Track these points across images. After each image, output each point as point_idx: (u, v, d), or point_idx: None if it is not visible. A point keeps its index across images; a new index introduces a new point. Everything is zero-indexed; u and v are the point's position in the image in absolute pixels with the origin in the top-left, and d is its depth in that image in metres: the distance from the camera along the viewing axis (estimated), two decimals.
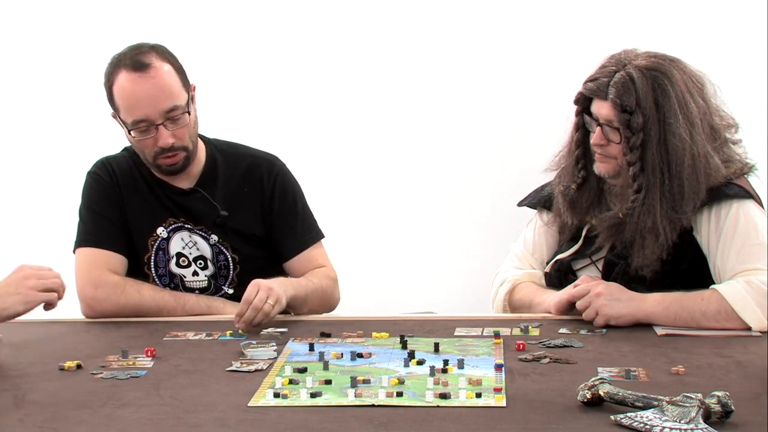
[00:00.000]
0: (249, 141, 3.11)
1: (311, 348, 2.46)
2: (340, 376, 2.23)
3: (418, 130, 3.85)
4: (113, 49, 2.89)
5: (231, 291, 2.95)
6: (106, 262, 2.89)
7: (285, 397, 2.10)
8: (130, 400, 2.12)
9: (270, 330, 2.59)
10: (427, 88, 3.83)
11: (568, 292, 2.72)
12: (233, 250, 2.94)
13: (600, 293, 2.65)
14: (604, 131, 2.74)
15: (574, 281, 2.75)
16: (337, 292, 2.99)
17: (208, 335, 2.63)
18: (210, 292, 2.95)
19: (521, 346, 2.43)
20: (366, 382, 2.17)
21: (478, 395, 2.08)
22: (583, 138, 2.83)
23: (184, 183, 2.96)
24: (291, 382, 2.20)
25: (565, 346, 2.46)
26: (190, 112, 2.86)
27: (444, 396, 2.08)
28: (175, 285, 2.94)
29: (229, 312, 2.85)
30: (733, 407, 1.93)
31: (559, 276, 2.87)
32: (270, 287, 2.68)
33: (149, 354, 2.43)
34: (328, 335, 2.59)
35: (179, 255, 2.94)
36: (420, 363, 2.31)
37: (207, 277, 2.95)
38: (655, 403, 1.95)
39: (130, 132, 2.85)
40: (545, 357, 2.35)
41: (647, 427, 1.88)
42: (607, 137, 2.74)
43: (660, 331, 2.58)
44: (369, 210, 3.90)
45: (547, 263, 2.93)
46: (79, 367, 2.35)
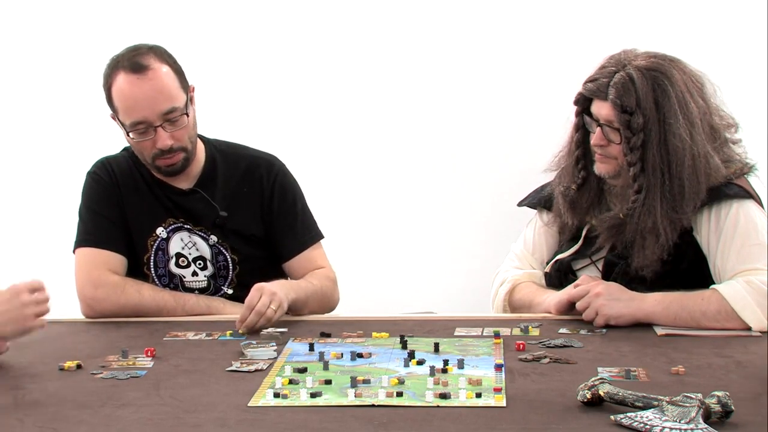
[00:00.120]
0: (249, 141, 3.10)
1: (311, 348, 2.46)
2: (340, 376, 2.23)
3: (418, 130, 3.85)
4: (113, 49, 2.89)
5: (230, 291, 2.95)
6: (106, 262, 2.89)
7: (285, 397, 2.10)
8: (130, 400, 2.12)
9: (270, 330, 2.58)
10: (427, 88, 3.83)
11: (568, 293, 2.72)
12: (233, 250, 2.94)
13: (599, 293, 2.65)
14: (605, 132, 2.74)
15: (574, 281, 2.76)
16: (337, 293, 2.99)
17: (208, 335, 2.63)
18: (209, 292, 2.95)
19: (521, 346, 2.43)
20: (366, 382, 2.17)
21: (478, 395, 2.08)
22: (583, 138, 2.83)
23: (184, 183, 2.95)
24: (291, 382, 2.20)
25: (565, 346, 2.46)
26: (189, 114, 2.86)
27: (444, 396, 2.08)
28: (175, 285, 2.94)
29: (229, 312, 2.86)
30: (733, 407, 1.92)
31: (559, 276, 2.87)
32: (273, 292, 2.67)
33: (149, 354, 2.43)
34: (328, 335, 2.59)
35: (179, 255, 2.94)
36: (420, 363, 2.31)
37: (206, 278, 2.95)
38: (655, 403, 1.95)
39: (128, 134, 2.85)
40: (545, 357, 2.35)
41: (647, 427, 1.88)
42: (608, 138, 2.74)
43: (660, 331, 2.58)
44: (369, 210, 3.89)
45: (547, 263, 2.93)
46: (79, 367, 2.35)
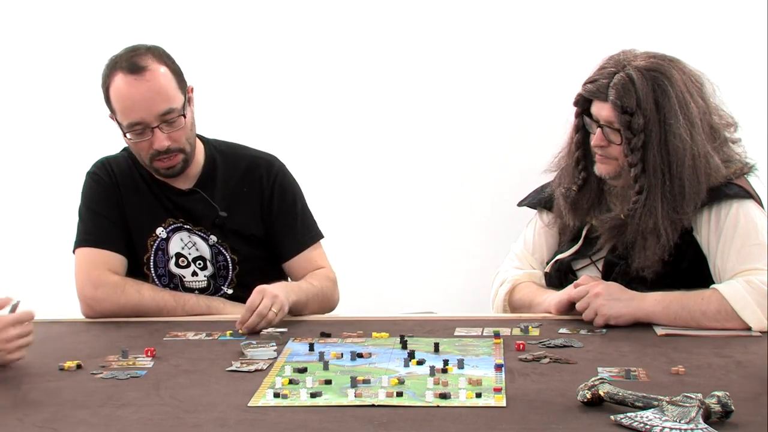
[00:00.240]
0: (249, 141, 3.10)
1: (311, 348, 2.46)
2: (340, 376, 2.22)
3: (418, 130, 3.85)
4: (113, 49, 2.88)
5: (230, 291, 2.95)
6: (106, 262, 2.89)
7: (285, 397, 2.10)
8: (130, 400, 2.12)
9: (270, 330, 2.58)
10: (427, 88, 3.83)
11: (568, 293, 2.72)
12: (232, 250, 2.94)
13: (599, 293, 2.65)
14: (605, 132, 2.73)
15: (574, 281, 2.75)
16: (337, 294, 2.99)
17: (208, 335, 2.63)
18: (209, 292, 2.95)
19: (521, 346, 2.42)
20: (366, 382, 2.17)
21: (478, 395, 2.08)
22: (583, 139, 2.83)
23: (184, 183, 2.95)
24: (291, 382, 2.20)
25: (565, 346, 2.46)
26: (186, 115, 2.85)
27: (444, 396, 2.07)
28: (175, 285, 2.94)
29: (229, 312, 2.86)
30: (733, 407, 1.92)
31: (559, 276, 2.87)
32: (275, 295, 2.67)
33: (149, 354, 2.43)
34: (328, 335, 2.59)
35: (178, 255, 2.94)
36: (420, 363, 2.31)
37: (206, 278, 2.95)
38: (655, 403, 1.95)
39: (126, 134, 2.85)
40: (545, 357, 2.35)
41: (647, 427, 1.88)
42: (608, 138, 2.73)
43: (660, 331, 2.58)
44: (369, 210, 3.89)
45: (547, 263, 2.92)
46: (79, 367, 2.35)
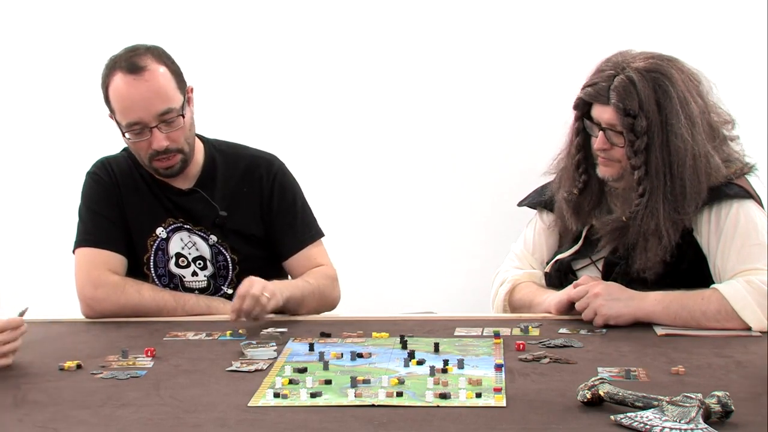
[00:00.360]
0: (249, 141, 3.10)
1: (311, 348, 2.46)
2: (340, 376, 2.22)
3: (418, 130, 3.85)
4: (113, 49, 2.89)
5: (230, 291, 2.94)
6: (106, 262, 2.89)
7: (285, 397, 2.10)
8: (130, 400, 2.12)
9: (270, 330, 2.59)
10: (427, 88, 3.83)
11: (568, 293, 2.72)
12: (232, 250, 2.94)
13: (598, 293, 2.64)
14: (607, 135, 2.72)
15: (575, 281, 2.75)
16: (337, 291, 2.99)
17: (208, 335, 2.63)
18: (209, 292, 2.95)
19: (521, 346, 2.42)
20: (366, 382, 2.17)
21: (478, 395, 2.08)
22: (583, 142, 2.82)
23: (184, 183, 2.95)
24: (291, 382, 2.20)
25: (565, 346, 2.46)
26: (185, 115, 2.85)
27: (444, 396, 2.07)
28: (175, 285, 2.94)
29: (229, 312, 2.86)
30: (733, 407, 1.92)
31: (559, 276, 2.87)
32: (264, 283, 2.69)
33: (149, 354, 2.43)
34: (328, 335, 2.59)
35: (178, 255, 2.94)
36: (420, 363, 2.31)
37: (206, 278, 2.95)
38: (655, 403, 1.95)
39: (125, 134, 2.85)
40: (545, 357, 2.35)
41: (647, 427, 1.88)
42: (611, 141, 2.72)
43: (660, 331, 2.58)
44: (369, 209, 3.89)
45: (547, 263, 2.92)
46: (79, 367, 2.35)
